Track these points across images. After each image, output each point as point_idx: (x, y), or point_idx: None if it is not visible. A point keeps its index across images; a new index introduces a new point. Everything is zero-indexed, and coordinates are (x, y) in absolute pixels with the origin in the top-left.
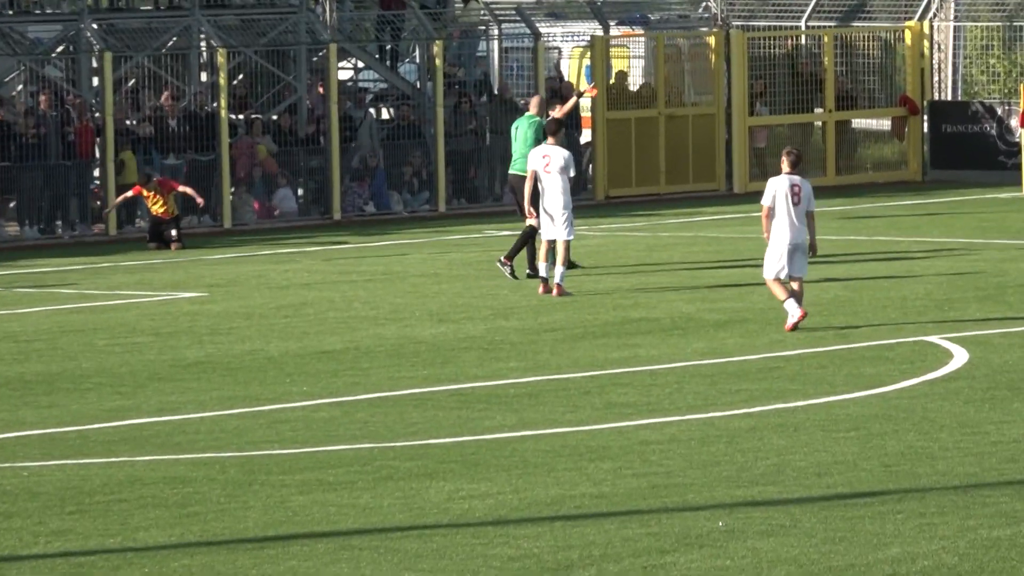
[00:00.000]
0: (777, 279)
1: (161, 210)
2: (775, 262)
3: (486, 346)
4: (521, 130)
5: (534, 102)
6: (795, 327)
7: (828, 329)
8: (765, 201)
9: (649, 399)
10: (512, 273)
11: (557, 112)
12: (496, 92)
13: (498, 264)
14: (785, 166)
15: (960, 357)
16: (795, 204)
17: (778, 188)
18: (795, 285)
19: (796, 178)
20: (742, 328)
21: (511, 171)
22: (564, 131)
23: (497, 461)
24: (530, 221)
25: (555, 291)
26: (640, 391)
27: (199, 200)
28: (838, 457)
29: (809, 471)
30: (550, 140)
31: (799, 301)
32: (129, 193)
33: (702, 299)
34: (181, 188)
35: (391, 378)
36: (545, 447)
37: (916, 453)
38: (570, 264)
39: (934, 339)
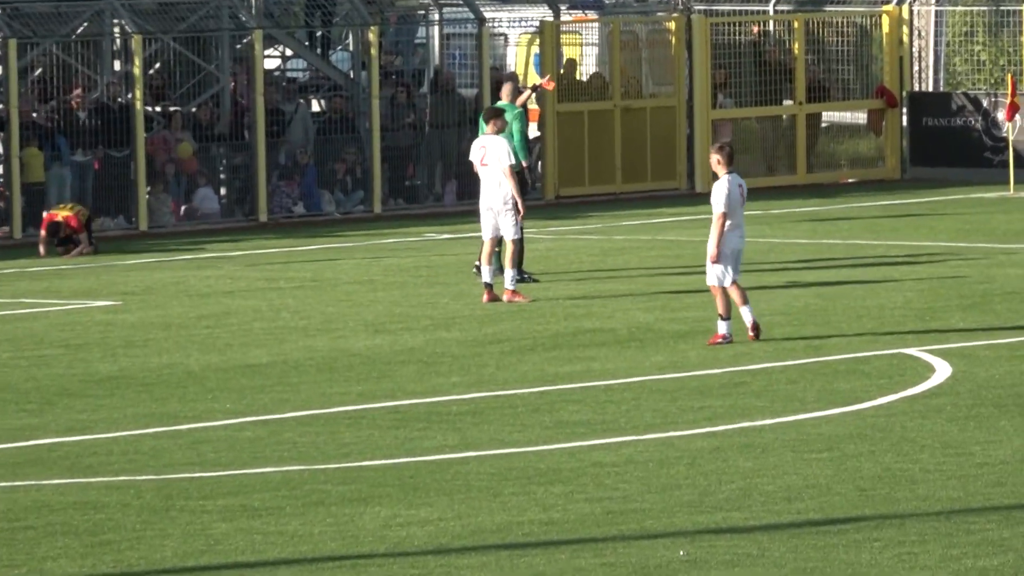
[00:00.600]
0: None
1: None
2: (733, 268)
3: (426, 359)
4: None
5: (506, 90)
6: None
7: (799, 340)
8: (721, 207)
9: (604, 417)
10: (530, 278)
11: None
12: (437, 82)
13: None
14: (723, 164)
15: (942, 371)
16: (741, 205)
17: (731, 190)
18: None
19: (738, 176)
20: (705, 339)
21: None
22: (503, 120)
23: (438, 485)
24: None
25: (506, 296)
26: (594, 408)
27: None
28: (809, 480)
29: (778, 496)
30: (488, 129)
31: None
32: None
33: (661, 308)
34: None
35: (322, 394)
36: (490, 469)
37: (894, 476)
38: (522, 275)
39: (914, 352)
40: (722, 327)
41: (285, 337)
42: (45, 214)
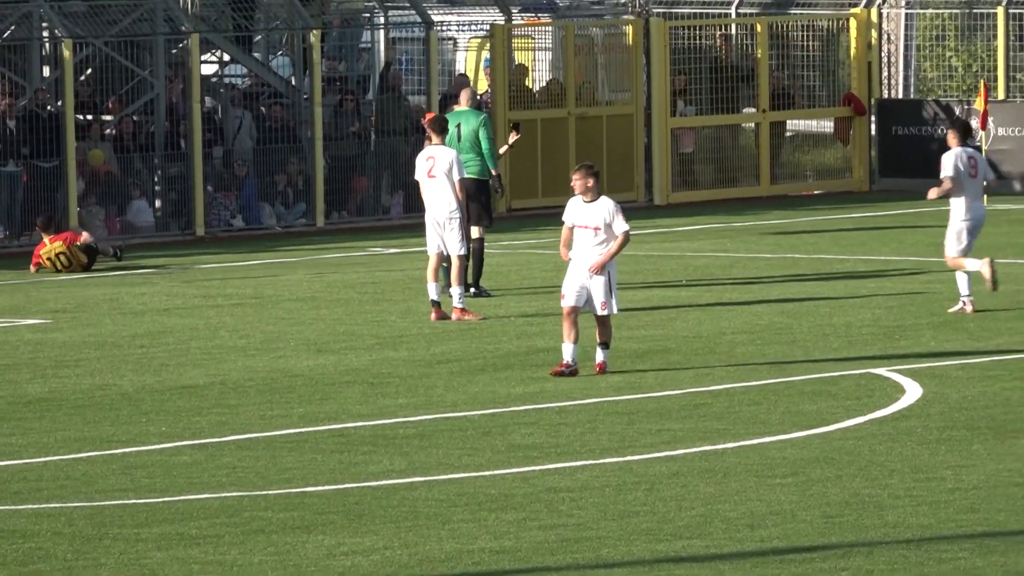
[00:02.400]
0: None
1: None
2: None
3: (371, 380)
4: (467, 128)
5: (465, 96)
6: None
7: (762, 360)
8: (569, 221)
9: (558, 440)
10: (486, 293)
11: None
12: (384, 84)
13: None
14: (588, 189)
15: (912, 392)
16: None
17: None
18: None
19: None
20: (664, 359)
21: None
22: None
23: (384, 512)
24: (474, 232)
25: (454, 315)
26: (547, 431)
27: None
28: (773, 507)
29: (740, 523)
30: (436, 140)
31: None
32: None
33: (618, 326)
34: (83, 240)
35: (263, 417)
36: (439, 495)
37: (862, 502)
38: (479, 291)
39: (883, 372)
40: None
41: (223, 357)
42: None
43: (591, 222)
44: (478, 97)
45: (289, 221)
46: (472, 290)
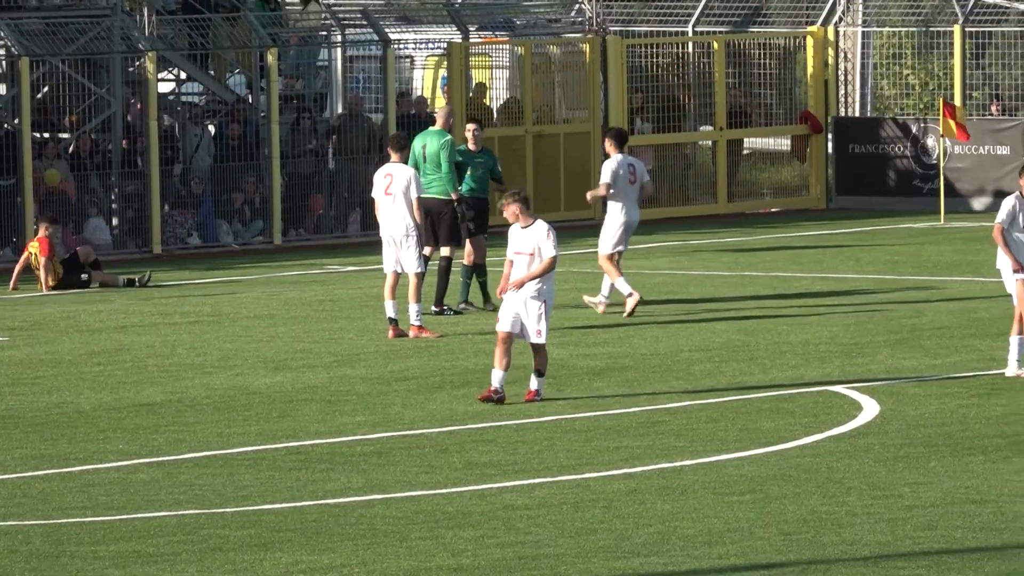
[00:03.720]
0: None
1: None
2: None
3: (328, 397)
4: (430, 148)
5: (442, 115)
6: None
7: (720, 377)
8: (518, 249)
9: (515, 458)
10: (451, 310)
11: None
12: (342, 107)
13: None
14: (520, 215)
15: (870, 410)
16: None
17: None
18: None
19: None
20: (621, 376)
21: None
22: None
23: (342, 529)
24: (442, 252)
25: (411, 333)
26: (505, 449)
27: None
28: (731, 524)
29: (698, 540)
30: (394, 158)
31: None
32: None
33: (575, 343)
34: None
35: (220, 435)
36: (396, 513)
37: (820, 519)
38: (442, 309)
39: (840, 389)
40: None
41: (181, 374)
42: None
43: (526, 248)
44: (452, 118)
45: (246, 239)
46: (434, 309)
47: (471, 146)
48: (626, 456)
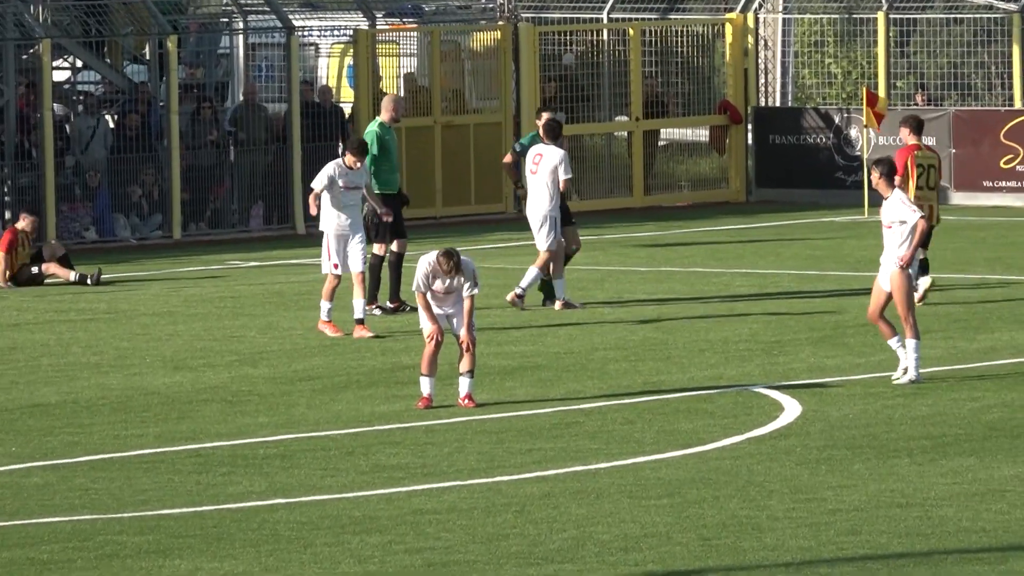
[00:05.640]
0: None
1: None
2: None
3: (230, 398)
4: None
5: (388, 104)
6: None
7: (636, 377)
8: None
9: (424, 460)
10: (407, 306)
11: None
12: (243, 97)
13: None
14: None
15: (792, 410)
16: None
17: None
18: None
19: None
20: (534, 376)
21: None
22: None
23: (244, 535)
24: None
25: (319, 324)
26: (413, 451)
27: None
28: (648, 529)
29: (614, 545)
30: (349, 162)
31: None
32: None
33: (486, 342)
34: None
35: (117, 436)
36: (300, 518)
37: (740, 524)
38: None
39: (761, 389)
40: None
41: (76, 374)
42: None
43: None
44: (399, 109)
45: (145, 233)
46: (390, 305)
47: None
48: (539, 459)
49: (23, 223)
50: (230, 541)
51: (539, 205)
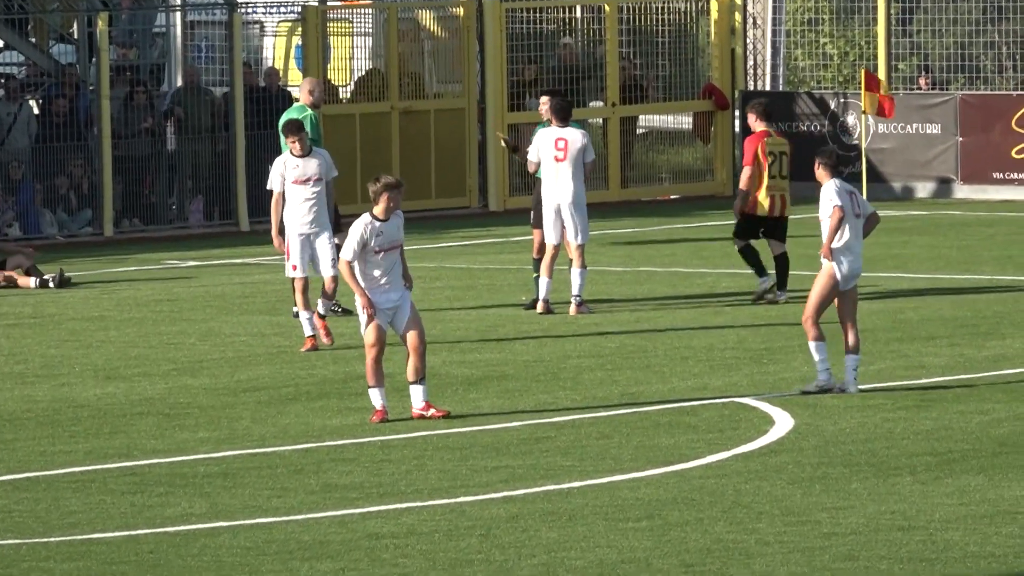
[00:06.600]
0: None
1: None
2: None
3: (167, 411)
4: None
5: (306, 87)
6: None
7: (612, 387)
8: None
9: (380, 479)
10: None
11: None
12: (181, 79)
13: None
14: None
15: (783, 423)
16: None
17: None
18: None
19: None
20: (500, 386)
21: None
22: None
23: (183, 561)
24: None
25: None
26: (368, 469)
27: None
28: (625, 554)
29: (588, 572)
30: (293, 149)
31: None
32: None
33: (448, 349)
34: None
35: (42, 453)
36: (245, 542)
37: (726, 548)
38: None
39: (749, 400)
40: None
41: None
42: None
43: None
44: (317, 92)
45: (73, 230)
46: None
47: None
48: (506, 477)
49: None
50: (168, 568)
51: (566, 192)
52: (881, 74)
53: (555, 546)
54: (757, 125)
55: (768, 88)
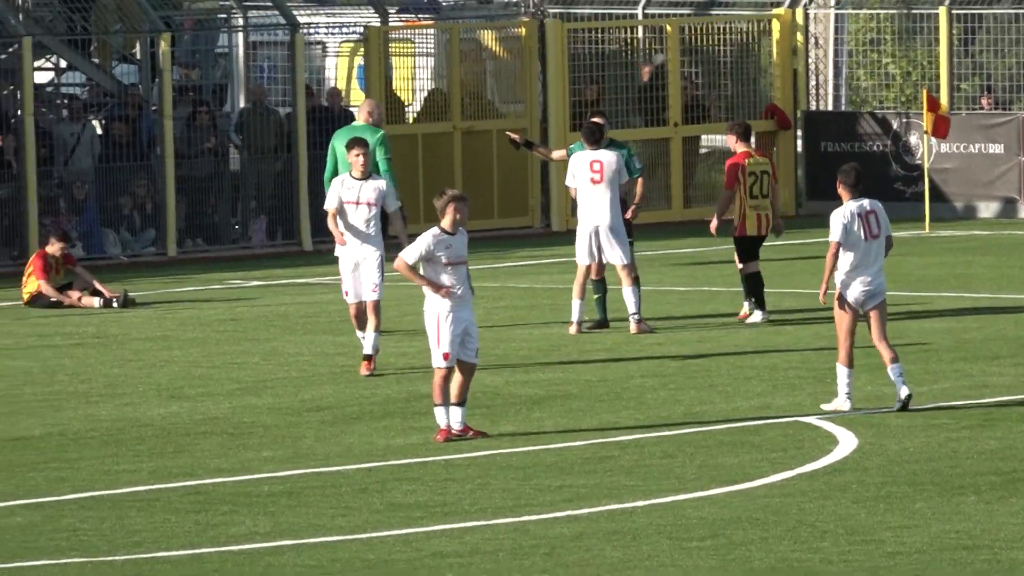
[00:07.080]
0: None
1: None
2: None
3: (231, 430)
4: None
5: (366, 108)
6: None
7: (676, 406)
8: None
9: (444, 499)
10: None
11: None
12: (244, 99)
13: None
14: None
15: (847, 443)
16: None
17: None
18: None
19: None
20: (563, 406)
21: None
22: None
23: None
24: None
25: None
26: (433, 488)
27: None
28: (690, 573)
29: None
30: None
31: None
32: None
33: (512, 369)
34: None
35: (107, 472)
36: (309, 561)
37: (791, 567)
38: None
39: (813, 420)
40: None
41: (62, 404)
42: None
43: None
44: (376, 113)
45: (136, 250)
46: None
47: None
48: (570, 496)
49: (52, 247)
50: None
51: (603, 216)
52: (943, 94)
53: (619, 565)
54: (738, 147)
55: (830, 108)
